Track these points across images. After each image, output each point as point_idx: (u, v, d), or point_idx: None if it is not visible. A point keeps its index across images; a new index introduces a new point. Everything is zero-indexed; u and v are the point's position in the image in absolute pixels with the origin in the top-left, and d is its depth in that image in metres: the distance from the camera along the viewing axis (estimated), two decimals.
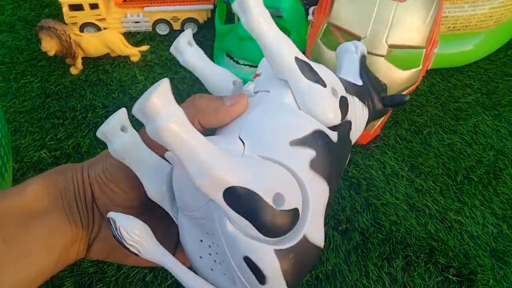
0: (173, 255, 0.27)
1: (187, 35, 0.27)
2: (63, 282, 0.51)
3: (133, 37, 0.89)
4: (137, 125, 0.21)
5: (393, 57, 0.58)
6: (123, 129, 0.23)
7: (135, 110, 0.18)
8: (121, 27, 0.89)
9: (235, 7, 0.23)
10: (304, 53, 0.69)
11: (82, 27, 0.86)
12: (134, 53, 0.82)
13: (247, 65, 0.74)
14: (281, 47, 0.23)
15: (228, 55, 0.76)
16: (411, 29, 0.56)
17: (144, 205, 0.25)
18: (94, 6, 0.83)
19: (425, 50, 0.58)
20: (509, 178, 0.64)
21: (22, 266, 0.22)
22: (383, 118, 0.66)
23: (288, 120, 0.23)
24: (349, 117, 0.26)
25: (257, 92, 0.26)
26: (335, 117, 0.25)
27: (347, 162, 0.28)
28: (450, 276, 0.53)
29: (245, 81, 0.27)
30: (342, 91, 0.26)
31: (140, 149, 0.23)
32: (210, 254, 0.23)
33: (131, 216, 0.21)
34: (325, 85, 0.24)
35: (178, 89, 0.77)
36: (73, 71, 0.80)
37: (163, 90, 0.18)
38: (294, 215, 0.21)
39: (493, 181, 0.64)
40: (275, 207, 0.20)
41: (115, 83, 0.79)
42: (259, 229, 0.20)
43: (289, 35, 0.71)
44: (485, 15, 0.74)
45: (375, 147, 0.69)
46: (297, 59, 0.24)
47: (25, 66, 0.82)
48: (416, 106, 0.76)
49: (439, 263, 0.54)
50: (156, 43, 0.88)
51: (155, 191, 0.24)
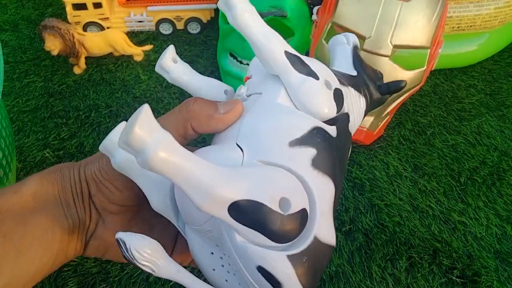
0: (172, 250, 0.28)
1: (170, 52, 0.27)
2: (66, 282, 0.51)
3: (136, 37, 0.89)
4: None
5: (397, 57, 0.58)
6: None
7: (120, 143, 0.17)
8: (125, 26, 0.89)
9: (220, 5, 0.22)
10: (308, 53, 0.69)
11: (85, 27, 0.86)
12: (137, 52, 0.82)
13: None
14: (269, 42, 0.23)
15: (231, 55, 0.76)
16: (416, 29, 0.56)
17: (141, 202, 0.25)
18: (97, 5, 0.83)
19: (429, 50, 0.58)
20: None
21: (21, 262, 0.22)
22: (387, 118, 0.66)
23: (284, 121, 0.22)
24: (346, 109, 0.26)
25: (250, 95, 0.25)
26: (331, 110, 0.24)
27: (349, 155, 0.27)
28: (454, 277, 0.53)
29: None
30: (336, 83, 0.25)
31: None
32: (222, 265, 0.23)
33: (140, 234, 0.21)
34: (317, 78, 0.24)
35: (181, 89, 0.77)
36: (77, 70, 0.80)
37: (144, 118, 0.17)
38: (302, 217, 0.21)
39: (497, 182, 0.64)
40: (282, 212, 0.20)
41: (119, 82, 0.79)
42: (269, 237, 0.20)
43: (293, 35, 0.71)
44: (490, 15, 0.74)
45: (378, 147, 0.68)
46: (287, 53, 0.23)
47: (28, 65, 0.82)
48: (419, 106, 0.76)
49: (443, 265, 0.54)
50: (159, 42, 0.88)
51: (159, 203, 0.24)
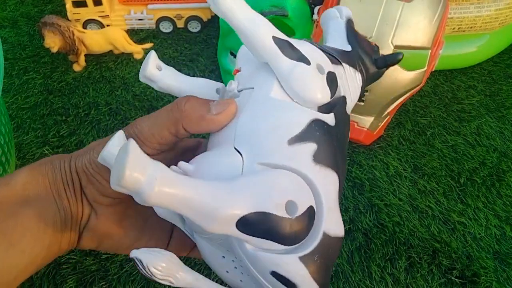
0: (169, 241, 0.28)
1: (153, 59, 0.26)
2: (65, 279, 0.51)
3: (136, 35, 0.88)
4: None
5: None
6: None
7: (114, 186, 0.17)
8: (125, 24, 0.88)
9: None
10: None
11: (85, 24, 0.86)
12: (137, 50, 0.82)
13: None
14: (256, 28, 0.22)
15: (232, 54, 0.76)
16: (417, 29, 0.56)
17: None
18: (97, 2, 0.83)
19: (430, 51, 0.58)
20: None
21: (12, 253, 0.22)
22: (387, 118, 0.66)
23: (280, 118, 0.21)
24: (341, 91, 0.25)
25: (241, 90, 0.24)
26: (324, 96, 0.23)
27: (348, 138, 0.27)
28: (453, 278, 0.53)
29: None
30: (328, 66, 0.24)
31: None
32: (235, 267, 0.22)
33: (154, 249, 0.20)
34: (309, 63, 0.23)
35: None
36: (76, 68, 0.80)
37: (133, 158, 0.16)
38: (309, 216, 0.20)
39: (496, 183, 0.64)
40: (290, 216, 0.19)
41: (118, 80, 0.78)
42: (280, 242, 0.20)
43: (294, 35, 0.71)
44: (490, 16, 0.74)
45: (378, 147, 0.69)
46: (275, 38, 0.22)
47: (27, 62, 0.81)
48: (419, 107, 0.76)
49: (442, 265, 0.54)
50: (159, 41, 0.87)
51: (164, 210, 0.23)
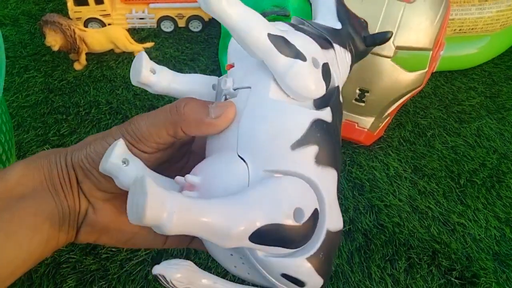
0: (167, 236, 0.28)
1: (146, 62, 0.25)
2: (65, 279, 0.51)
3: (137, 34, 0.88)
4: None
5: (399, 59, 0.58)
6: (125, 162, 0.22)
7: (134, 222, 0.17)
8: (126, 23, 0.88)
9: None
10: None
11: (86, 23, 0.86)
12: (138, 49, 0.81)
13: None
14: (250, 27, 0.21)
15: None
16: (418, 30, 0.56)
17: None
18: (99, 1, 0.83)
19: (431, 52, 0.58)
20: None
21: (9, 247, 0.22)
22: (387, 119, 0.66)
23: (281, 122, 0.22)
24: (336, 81, 0.25)
25: (237, 89, 0.24)
26: (320, 90, 0.23)
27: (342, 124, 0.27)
28: (452, 279, 0.53)
29: None
30: (322, 57, 0.24)
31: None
32: (243, 263, 0.23)
33: (173, 261, 0.21)
34: (304, 59, 0.22)
35: None
36: (77, 66, 0.80)
37: (152, 196, 0.16)
38: (315, 219, 0.21)
39: (496, 185, 0.64)
40: (297, 223, 0.20)
41: (119, 79, 0.78)
42: (288, 247, 0.21)
43: None
44: (492, 18, 0.74)
45: (378, 148, 0.69)
46: (270, 35, 0.21)
47: (28, 60, 0.81)
48: (420, 108, 0.76)
49: (441, 266, 0.54)
50: (160, 40, 0.87)
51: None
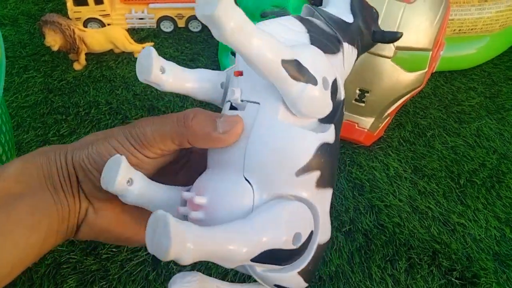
0: None
1: (155, 62, 0.24)
2: (65, 279, 0.51)
3: (137, 34, 0.88)
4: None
5: (399, 59, 0.58)
6: (129, 181, 0.23)
7: (153, 253, 0.18)
8: (125, 23, 0.88)
9: (200, 18, 0.19)
10: None
11: (85, 23, 0.86)
12: (138, 49, 0.81)
13: None
14: (264, 55, 0.20)
15: (232, 53, 0.76)
16: (418, 31, 0.56)
17: None
18: (98, 1, 0.83)
19: (431, 52, 0.58)
20: None
21: (5, 247, 0.22)
22: (387, 120, 0.66)
23: (289, 148, 0.22)
24: (342, 94, 0.25)
25: (244, 101, 0.24)
26: (327, 110, 0.24)
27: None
28: (453, 279, 0.53)
29: None
30: (331, 74, 0.24)
31: (151, 192, 0.24)
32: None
33: (183, 276, 0.21)
34: (316, 82, 0.22)
35: None
36: (77, 66, 0.79)
37: (176, 238, 0.17)
38: (309, 239, 0.23)
39: (496, 185, 0.64)
40: (295, 247, 0.22)
41: (119, 79, 0.78)
42: (283, 265, 0.22)
43: None
44: (491, 18, 0.74)
45: (378, 148, 0.69)
46: (284, 62, 0.21)
47: (27, 60, 0.81)
48: (419, 108, 0.76)
49: (442, 266, 0.54)
50: (160, 40, 0.87)
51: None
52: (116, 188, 0.22)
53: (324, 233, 0.24)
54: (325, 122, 0.24)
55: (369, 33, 0.28)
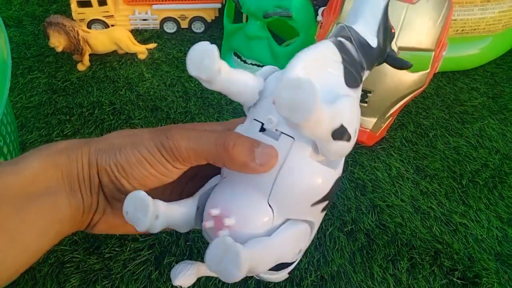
0: None
1: (217, 61, 0.24)
2: (68, 278, 0.51)
3: (140, 35, 0.89)
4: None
5: None
6: (156, 217, 0.24)
7: (215, 272, 0.20)
8: (129, 24, 0.89)
9: (282, 112, 0.20)
10: None
11: (89, 24, 0.86)
12: (141, 50, 0.82)
13: (255, 64, 0.74)
14: (322, 130, 0.21)
15: (235, 54, 0.76)
16: (421, 31, 0.56)
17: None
18: (102, 2, 0.84)
19: (434, 53, 0.58)
20: None
21: (13, 252, 0.22)
22: (390, 120, 0.66)
23: (314, 185, 0.24)
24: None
25: (279, 131, 0.24)
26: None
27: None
28: (454, 279, 0.53)
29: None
30: (359, 121, 0.25)
31: (171, 216, 0.25)
32: None
33: (182, 271, 0.25)
34: (350, 138, 0.23)
35: (185, 87, 0.77)
36: (80, 67, 0.80)
37: (244, 268, 0.20)
38: (302, 252, 0.27)
39: (499, 185, 0.64)
40: (296, 258, 0.27)
41: (122, 80, 0.79)
42: (281, 270, 0.27)
43: (298, 36, 0.71)
44: (494, 18, 0.74)
45: (381, 149, 0.69)
46: (333, 130, 0.21)
47: (32, 61, 0.82)
48: (422, 108, 0.76)
49: (444, 266, 0.54)
50: (163, 41, 0.88)
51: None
52: (146, 228, 0.24)
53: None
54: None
55: (384, 55, 0.29)
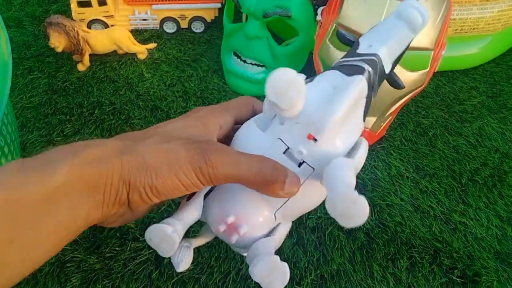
0: None
1: (302, 100, 0.23)
2: (69, 278, 0.51)
3: (140, 35, 0.89)
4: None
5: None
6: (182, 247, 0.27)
7: (258, 281, 0.23)
8: (129, 24, 0.89)
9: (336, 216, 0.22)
10: (311, 53, 0.68)
11: (89, 24, 0.87)
12: (141, 50, 0.82)
13: (254, 64, 0.74)
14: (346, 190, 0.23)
15: (235, 54, 0.76)
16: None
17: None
18: (102, 2, 0.84)
19: (433, 52, 0.58)
20: None
21: (26, 265, 0.22)
22: (389, 119, 0.66)
23: (318, 203, 0.27)
24: None
25: (302, 160, 0.25)
26: None
27: None
28: (454, 277, 0.53)
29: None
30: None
31: (187, 226, 0.27)
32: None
33: (178, 258, 0.26)
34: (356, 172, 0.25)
35: (185, 87, 0.77)
36: (80, 67, 0.80)
37: (285, 283, 0.23)
38: None
39: (498, 184, 0.64)
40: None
41: (122, 80, 0.79)
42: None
43: (297, 35, 0.72)
44: (493, 17, 0.74)
45: (380, 148, 0.69)
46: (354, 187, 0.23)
47: (32, 62, 0.82)
48: (421, 108, 0.76)
49: (443, 265, 0.55)
50: (163, 41, 0.88)
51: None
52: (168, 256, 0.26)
53: None
54: None
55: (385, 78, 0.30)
